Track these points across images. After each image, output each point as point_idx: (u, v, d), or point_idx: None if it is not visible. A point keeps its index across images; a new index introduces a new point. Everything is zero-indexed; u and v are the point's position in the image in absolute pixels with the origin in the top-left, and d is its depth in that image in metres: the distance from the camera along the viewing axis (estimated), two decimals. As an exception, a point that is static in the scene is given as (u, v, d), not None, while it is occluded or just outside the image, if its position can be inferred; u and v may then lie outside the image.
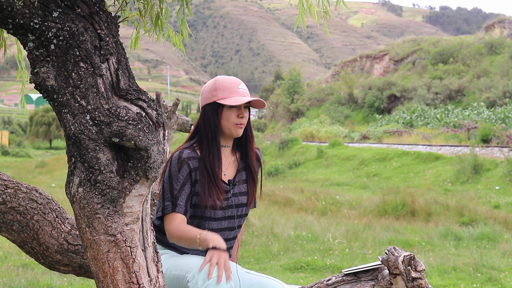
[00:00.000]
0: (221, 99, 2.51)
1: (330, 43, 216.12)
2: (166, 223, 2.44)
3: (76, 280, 5.72)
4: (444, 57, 40.17)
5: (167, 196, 2.45)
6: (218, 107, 2.52)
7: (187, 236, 2.37)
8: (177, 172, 2.46)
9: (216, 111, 2.52)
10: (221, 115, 2.52)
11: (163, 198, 2.46)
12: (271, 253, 7.41)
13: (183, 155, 2.48)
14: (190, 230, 2.39)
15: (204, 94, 2.57)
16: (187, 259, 2.39)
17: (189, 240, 2.37)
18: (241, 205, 2.59)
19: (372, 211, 11.13)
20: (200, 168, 2.49)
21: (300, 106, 44.10)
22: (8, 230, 2.43)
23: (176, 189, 2.44)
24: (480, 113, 27.21)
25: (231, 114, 2.51)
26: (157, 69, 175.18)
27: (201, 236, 2.33)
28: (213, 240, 2.30)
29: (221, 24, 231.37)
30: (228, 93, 2.52)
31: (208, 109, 2.53)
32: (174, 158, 2.49)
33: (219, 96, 2.52)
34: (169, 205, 2.44)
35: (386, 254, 2.25)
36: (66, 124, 1.92)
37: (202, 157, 2.50)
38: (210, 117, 2.52)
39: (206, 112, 2.53)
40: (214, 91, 2.53)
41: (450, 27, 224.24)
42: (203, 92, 2.59)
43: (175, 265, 2.38)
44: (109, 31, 1.95)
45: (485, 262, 6.52)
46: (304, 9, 2.17)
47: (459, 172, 15.09)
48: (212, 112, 2.52)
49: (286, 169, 21.19)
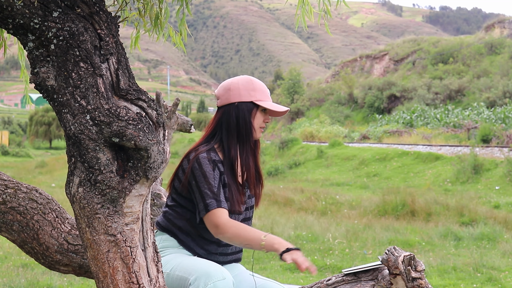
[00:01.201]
0: (259, 101, 2.48)
1: (330, 43, 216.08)
2: (214, 218, 2.32)
3: (76, 280, 5.72)
4: (444, 57, 40.17)
5: (207, 194, 2.34)
6: (253, 107, 2.48)
7: (247, 236, 2.29)
8: (212, 172, 2.37)
9: (251, 111, 2.47)
10: (254, 116, 2.48)
11: (203, 197, 2.35)
12: (271, 253, 7.40)
13: (212, 157, 2.40)
14: (251, 229, 2.31)
15: (236, 90, 2.48)
16: (192, 262, 2.36)
17: (249, 240, 2.29)
18: (251, 207, 2.58)
19: (372, 211, 11.12)
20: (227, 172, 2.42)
21: (300, 106, 44.10)
22: (8, 230, 2.43)
23: (215, 187, 2.36)
24: (480, 113, 27.22)
25: (261, 117, 2.50)
26: (157, 69, 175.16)
27: (266, 238, 2.26)
28: (280, 244, 2.24)
29: (221, 24, 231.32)
30: (264, 96, 2.50)
31: (243, 107, 2.46)
32: (203, 159, 2.39)
33: (257, 97, 2.48)
34: (212, 201, 2.33)
35: (386, 254, 2.25)
36: (66, 124, 1.92)
37: (229, 157, 2.44)
38: (246, 116, 2.46)
39: (241, 110, 2.46)
40: (252, 90, 2.48)
41: (450, 27, 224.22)
42: (234, 88, 2.49)
43: (180, 266, 2.35)
44: (109, 31, 1.95)
45: (485, 262, 6.52)
46: (304, 8, 2.17)
47: (459, 172, 15.08)
48: (248, 111, 2.46)
49: (286, 169, 21.19)
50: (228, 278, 2.24)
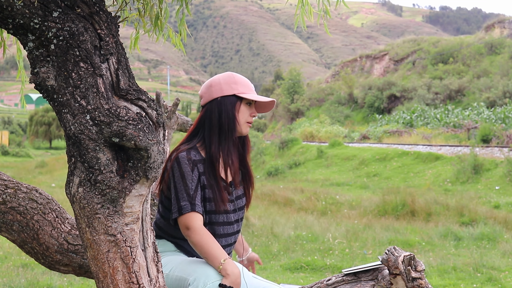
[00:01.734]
0: (242, 94, 2.44)
1: (330, 43, 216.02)
2: (186, 222, 2.31)
3: (76, 280, 5.72)
4: (444, 57, 40.16)
5: (183, 196, 2.32)
6: (237, 100, 2.44)
7: (209, 251, 2.28)
8: (191, 172, 2.35)
9: (234, 104, 2.44)
10: (238, 110, 2.44)
11: (178, 198, 2.33)
12: (271, 253, 7.41)
13: (191, 157, 2.37)
14: (215, 247, 2.29)
15: (218, 86, 2.45)
16: (191, 263, 2.36)
17: (209, 256, 2.27)
18: (242, 207, 2.55)
19: (372, 211, 11.12)
20: (207, 171, 2.39)
21: (300, 106, 44.09)
22: (8, 230, 2.43)
23: (192, 189, 2.33)
24: (480, 113, 27.21)
25: (246, 111, 2.46)
26: (157, 69, 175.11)
27: (225, 263, 2.25)
28: (232, 278, 2.23)
29: (221, 24, 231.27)
30: (247, 89, 2.47)
31: (226, 101, 2.43)
32: (183, 158, 2.36)
33: (240, 90, 2.44)
34: (187, 204, 2.32)
35: (386, 254, 2.25)
36: (66, 124, 1.92)
37: (210, 153, 2.39)
38: (229, 109, 2.42)
39: (224, 104, 2.42)
40: (233, 84, 2.44)
41: (450, 27, 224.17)
42: (215, 84, 2.46)
43: (179, 267, 2.36)
44: (109, 31, 1.95)
45: (485, 262, 6.52)
46: (303, 8, 2.17)
47: (459, 172, 15.08)
48: (231, 105, 2.43)
49: (286, 169, 21.19)
50: None
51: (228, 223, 2.45)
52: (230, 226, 2.46)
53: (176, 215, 2.34)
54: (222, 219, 2.42)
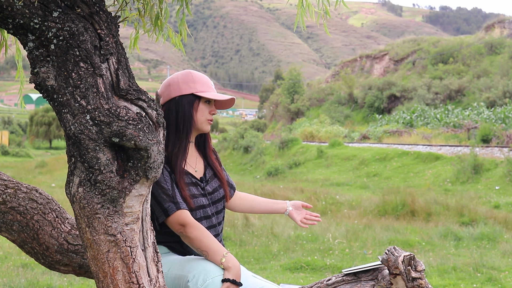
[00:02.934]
0: (200, 92, 2.43)
1: (330, 43, 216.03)
2: (179, 220, 2.31)
3: (76, 280, 5.72)
4: (444, 57, 40.16)
5: (163, 198, 2.32)
6: (195, 99, 2.44)
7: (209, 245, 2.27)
8: (162, 175, 2.34)
9: (192, 103, 2.43)
10: (197, 109, 2.44)
11: (160, 202, 2.33)
12: (271, 253, 7.40)
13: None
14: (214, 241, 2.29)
15: (176, 84, 2.44)
16: (189, 260, 2.37)
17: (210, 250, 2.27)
18: (222, 198, 2.57)
19: (372, 211, 11.13)
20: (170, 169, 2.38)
21: (300, 106, 44.10)
22: (8, 230, 2.43)
23: (169, 190, 2.34)
24: (480, 113, 27.21)
25: (205, 109, 2.46)
26: (157, 69, 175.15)
27: (227, 256, 2.25)
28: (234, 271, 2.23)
29: (221, 24, 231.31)
30: (206, 87, 2.46)
31: (183, 101, 2.42)
32: None
33: (198, 89, 2.44)
34: (171, 205, 2.32)
35: (386, 254, 2.25)
36: (66, 124, 1.92)
37: (167, 153, 2.39)
38: (186, 109, 2.42)
39: (181, 103, 2.42)
40: (191, 83, 2.44)
41: (450, 27, 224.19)
42: (173, 83, 2.45)
43: (177, 265, 2.36)
44: (109, 31, 1.95)
45: (485, 262, 6.52)
46: (303, 8, 2.17)
47: (459, 172, 15.08)
48: (188, 104, 2.42)
49: (286, 169, 21.19)
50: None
51: (206, 217, 2.46)
52: (209, 219, 2.47)
53: (164, 218, 2.33)
54: (199, 214, 2.43)
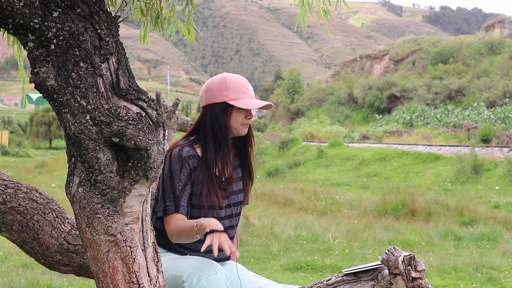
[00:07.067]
0: (232, 100, 2.46)
1: (330, 43, 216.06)
2: (167, 223, 2.39)
3: (76, 280, 5.72)
4: (444, 57, 40.16)
5: (169, 196, 2.39)
6: (228, 107, 2.46)
7: (185, 229, 2.32)
8: (179, 171, 2.39)
9: (226, 111, 2.46)
10: (230, 116, 2.47)
11: (164, 197, 2.40)
12: (271, 253, 7.41)
13: (183, 153, 2.41)
14: (187, 222, 2.34)
15: (211, 91, 2.48)
16: (184, 260, 2.38)
17: (187, 232, 2.31)
18: (239, 203, 2.57)
19: (372, 211, 11.13)
20: (201, 169, 2.43)
21: (300, 106, 44.09)
22: (8, 230, 2.43)
23: (179, 189, 2.38)
24: (480, 113, 27.21)
25: (239, 115, 2.47)
26: (157, 69, 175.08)
27: (198, 223, 2.28)
28: (209, 224, 2.24)
29: (221, 24, 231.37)
30: (240, 94, 2.47)
31: (217, 108, 2.46)
32: (174, 156, 2.41)
33: (230, 97, 2.46)
34: (172, 205, 2.38)
35: (386, 254, 2.25)
36: (66, 124, 1.92)
37: (206, 157, 2.44)
38: (220, 117, 2.45)
39: (215, 111, 2.46)
40: (224, 90, 2.46)
41: (450, 27, 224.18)
42: (209, 89, 2.49)
43: (173, 265, 2.37)
44: (109, 31, 1.95)
45: (485, 262, 6.52)
46: (304, 8, 2.17)
47: (459, 172, 15.08)
48: (222, 112, 2.45)
49: (286, 169, 21.19)
50: (221, 273, 2.26)
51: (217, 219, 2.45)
52: (220, 221, 2.47)
53: (161, 214, 2.41)
54: (211, 214, 2.45)
